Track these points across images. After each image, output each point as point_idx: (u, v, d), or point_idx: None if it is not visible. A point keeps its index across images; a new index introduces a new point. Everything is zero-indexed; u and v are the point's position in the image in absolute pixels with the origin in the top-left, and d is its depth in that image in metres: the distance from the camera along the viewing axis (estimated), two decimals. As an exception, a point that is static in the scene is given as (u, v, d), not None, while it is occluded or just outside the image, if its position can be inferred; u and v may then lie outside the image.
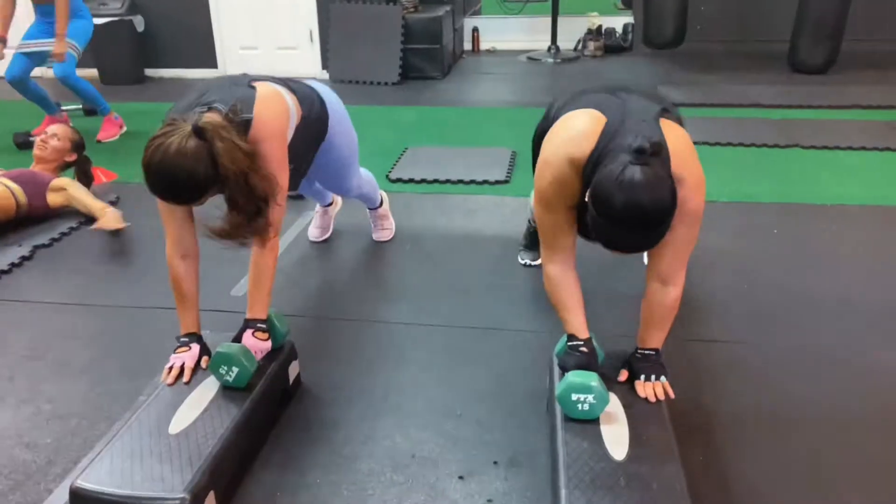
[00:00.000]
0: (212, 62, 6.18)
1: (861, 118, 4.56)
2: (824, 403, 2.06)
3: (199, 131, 1.71)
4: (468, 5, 6.99)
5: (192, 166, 1.71)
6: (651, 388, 1.85)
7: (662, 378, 1.88)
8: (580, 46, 6.68)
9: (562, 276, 1.88)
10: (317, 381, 2.21)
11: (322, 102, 2.33)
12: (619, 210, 1.53)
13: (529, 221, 2.81)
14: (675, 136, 1.73)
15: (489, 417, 2.04)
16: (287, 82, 2.18)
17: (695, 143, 1.81)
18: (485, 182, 3.67)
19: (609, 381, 1.86)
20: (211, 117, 1.78)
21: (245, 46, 6.06)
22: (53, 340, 2.45)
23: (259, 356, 1.97)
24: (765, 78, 5.61)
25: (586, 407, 1.74)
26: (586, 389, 1.74)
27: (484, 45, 6.98)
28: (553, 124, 1.86)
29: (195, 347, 2.01)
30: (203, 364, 1.99)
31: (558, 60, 6.45)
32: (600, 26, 6.70)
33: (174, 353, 2.01)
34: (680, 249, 1.79)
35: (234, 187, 1.79)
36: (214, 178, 1.76)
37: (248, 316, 2.02)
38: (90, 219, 3.24)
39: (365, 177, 2.84)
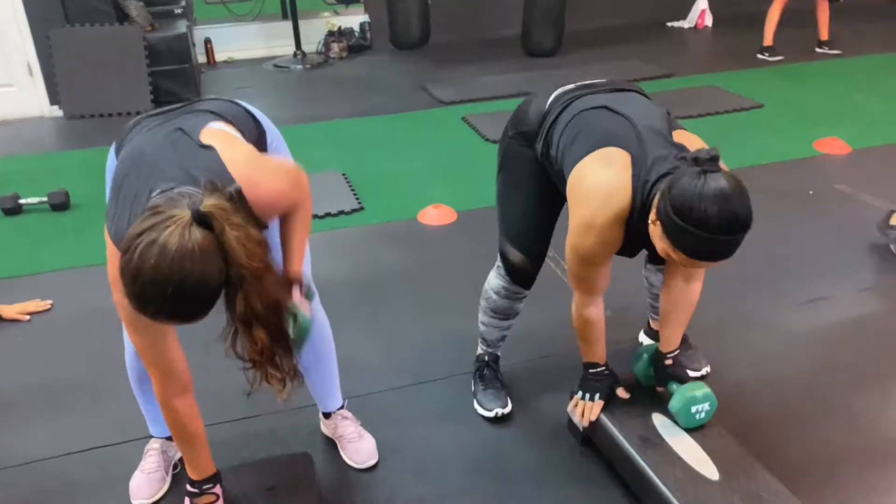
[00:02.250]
0: None
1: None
2: (755, 361, 2.37)
3: (203, 219, 1.23)
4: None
5: (202, 269, 1.21)
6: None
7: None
8: (323, 49, 6.53)
9: (598, 316, 1.88)
10: (332, 475, 1.97)
11: (254, 118, 1.73)
12: (715, 218, 1.44)
13: (482, 338, 2.26)
14: (689, 141, 1.69)
15: (535, 468, 2.00)
16: (208, 108, 1.60)
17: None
18: (340, 213, 3.47)
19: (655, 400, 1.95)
20: (213, 199, 1.27)
21: (-62, 91, 4.91)
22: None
23: None
24: (511, 65, 6.03)
25: (702, 416, 1.87)
26: (704, 398, 1.86)
27: (220, 57, 6.48)
28: (559, 158, 1.77)
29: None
30: (241, 511, 1.66)
31: (308, 66, 6.25)
32: (339, 27, 6.61)
33: (198, 507, 1.64)
34: None
35: (249, 292, 1.31)
36: (227, 281, 1.30)
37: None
38: None
39: None
